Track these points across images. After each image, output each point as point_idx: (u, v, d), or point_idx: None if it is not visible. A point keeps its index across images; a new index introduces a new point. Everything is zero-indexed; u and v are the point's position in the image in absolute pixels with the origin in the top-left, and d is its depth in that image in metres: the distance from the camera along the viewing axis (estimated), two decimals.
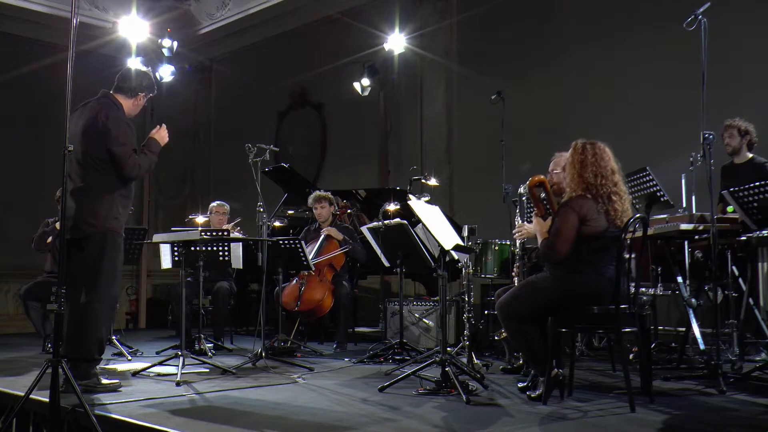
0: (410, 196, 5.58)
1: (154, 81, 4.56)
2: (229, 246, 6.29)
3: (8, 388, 4.17)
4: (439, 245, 4.30)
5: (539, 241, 3.91)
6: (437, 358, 4.23)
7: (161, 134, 4.50)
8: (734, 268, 4.97)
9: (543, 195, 3.98)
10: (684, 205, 5.39)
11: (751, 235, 4.06)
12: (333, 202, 6.82)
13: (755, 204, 4.16)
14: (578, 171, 3.80)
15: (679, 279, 5.02)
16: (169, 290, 6.77)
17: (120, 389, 4.18)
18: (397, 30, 9.01)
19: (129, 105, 4.40)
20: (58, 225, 5.59)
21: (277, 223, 7.73)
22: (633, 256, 4.25)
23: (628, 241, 3.83)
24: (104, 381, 4.18)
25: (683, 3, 4.71)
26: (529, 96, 7.79)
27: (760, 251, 4.05)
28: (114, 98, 4.36)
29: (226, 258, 6.33)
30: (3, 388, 4.19)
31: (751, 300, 4.78)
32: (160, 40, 9.55)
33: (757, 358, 4.95)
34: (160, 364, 4.98)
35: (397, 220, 5.47)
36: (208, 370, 5.01)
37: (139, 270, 11.17)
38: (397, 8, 9.19)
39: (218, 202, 7.22)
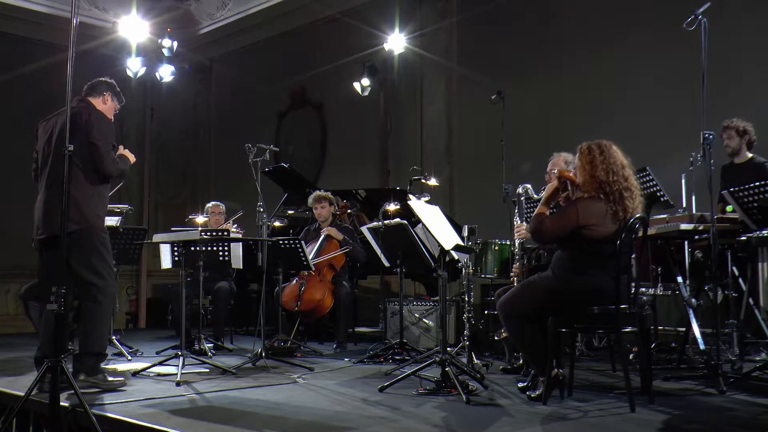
0: (410, 196, 5.57)
1: (118, 90, 4.67)
2: (229, 246, 6.29)
3: (8, 388, 4.17)
4: (439, 245, 4.30)
5: (539, 207, 3.95)
6: (437, 358, 4.23)
7: (127, 153, 4.64)
8: (734, 268, 4.97)
9: (566, 182, 3.98)
10: (684, 205, 5.39)
11: (751, 235, 4.06)
12: (333, 202, 6.82)
13: (755, 204, 4.16)
14: (589, 171, 3.79)
15: (679, 279, 5.01)
16: (169, 290, 6.76)
17: (125, 387, 4.23)
18: (397, 30, 9.01)
19: (99, 104, 4.50)
20: None
21: (277, 223, 7.73)
22: (633, 256, 4.25)
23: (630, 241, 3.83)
24: (110, 378, 4.26)
25: (683, 3, 4.71)
26: (529, 96, 7.79)
27: (760, 251, 4.05)
28: (88, 101, 4.48)
29: (226, 258, 6.33)
30: (3, 388, 4.19)
31: (751, 300, 4.78)
32: (160, 40, 9.56)
33: (757, 358, 4.94)
34: (160, 364, 4.98)
35: (397, 220, 5.47)
36: (208, 370, 5.01)
37: (139, 270, 11.17)
38: (397, 8, 9.19)
39: (213, 202, 7.23)
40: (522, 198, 4.81)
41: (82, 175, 4.24)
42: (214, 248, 6.28)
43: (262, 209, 5.56)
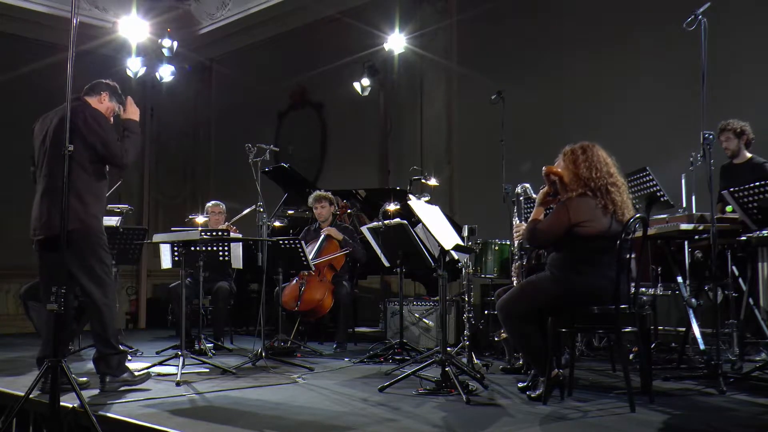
0: (410, 196, 5.57)
1: (118, 90, 4.58)
2: (229, 246, 6.29)
3: (8, 388, 4.17)
4: (439, 245, 4.30)
5: (533, 212, 3.99)
6: (437, 358, 4.23)
7: (132, 110, 4.51)
8: (734, 268, 4.97)
9: (555, 181, 3.99)
10: (684, 205, 5.39)
11: (751, 235, 4.06)
12: (333, 201, 6.82)
13: (755, 204, 4.16)
14: (573, 171, 3.86)
15: (679, 279, 5.02)
16: (169, 290, 6.75)
17: (151, 378, 4.35)
18: (397, 30, 9.00)
19: (95, 103, 4.43)
20: None
21: (277, 223, 7.73)
22: (633, 256, 4.26)
23: (629, 238, 3.83)
24: (137, 373, 4.31)
25: (683, 3, 4.71)
26: (529, 96, 7.79)
27: (760, 251, 4.06)
28: (83, 100, 4.42)
29: (226, 258, 6.33)
30: (3, 388, 4.19)
31: (751, 300, 4.78)
32: (160, 40, 9.55)
33: (757, 358, 4.95)
34: (160, 364, 4.99)
35: (397, 220, 5.47)
36: (208, 370, 5.01)
37: (139, 270, 11.17)
38: (397, 8, 9.19)
39: (213, 202, 7.22)
40: (521, 198, 4.82)
41: (82, 174, 4.19)
42: (214, 248, 6.28)
43: (262, 209, 5.56)
